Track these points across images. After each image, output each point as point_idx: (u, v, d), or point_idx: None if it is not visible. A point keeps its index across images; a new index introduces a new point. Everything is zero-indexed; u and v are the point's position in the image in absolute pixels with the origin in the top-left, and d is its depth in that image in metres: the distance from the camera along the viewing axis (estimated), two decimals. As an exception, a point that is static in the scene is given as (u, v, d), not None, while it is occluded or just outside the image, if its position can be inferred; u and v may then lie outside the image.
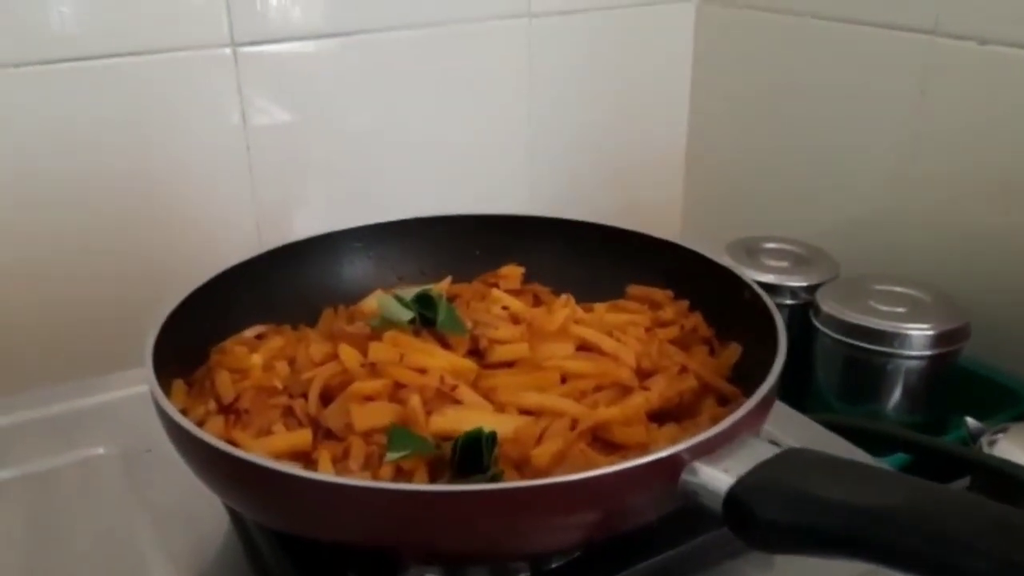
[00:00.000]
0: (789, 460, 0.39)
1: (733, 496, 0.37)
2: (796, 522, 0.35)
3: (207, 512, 0.52)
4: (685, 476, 0.39)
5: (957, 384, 0.79)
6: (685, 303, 0.59)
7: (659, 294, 0.60)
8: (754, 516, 0.36)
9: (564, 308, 0.56)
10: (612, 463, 0.40)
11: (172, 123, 0.82)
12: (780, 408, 0.62)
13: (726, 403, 0.51)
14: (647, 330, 0.56)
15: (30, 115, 0.76)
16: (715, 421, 0.42)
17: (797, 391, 0.85)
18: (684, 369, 0.52)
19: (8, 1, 0.72)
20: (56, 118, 0.77)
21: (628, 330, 0.55)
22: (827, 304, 0.79)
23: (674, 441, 0.41)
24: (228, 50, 0.83)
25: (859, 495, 0.34)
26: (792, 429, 0.59)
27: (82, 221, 0.80)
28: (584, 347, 0.53)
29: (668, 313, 0.58)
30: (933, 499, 0.34)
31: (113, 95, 0.79)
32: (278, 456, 0.45)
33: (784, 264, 0.87)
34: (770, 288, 0.84)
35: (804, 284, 0.84)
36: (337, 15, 0.86)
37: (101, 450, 0.59)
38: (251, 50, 0.84)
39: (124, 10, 0.77)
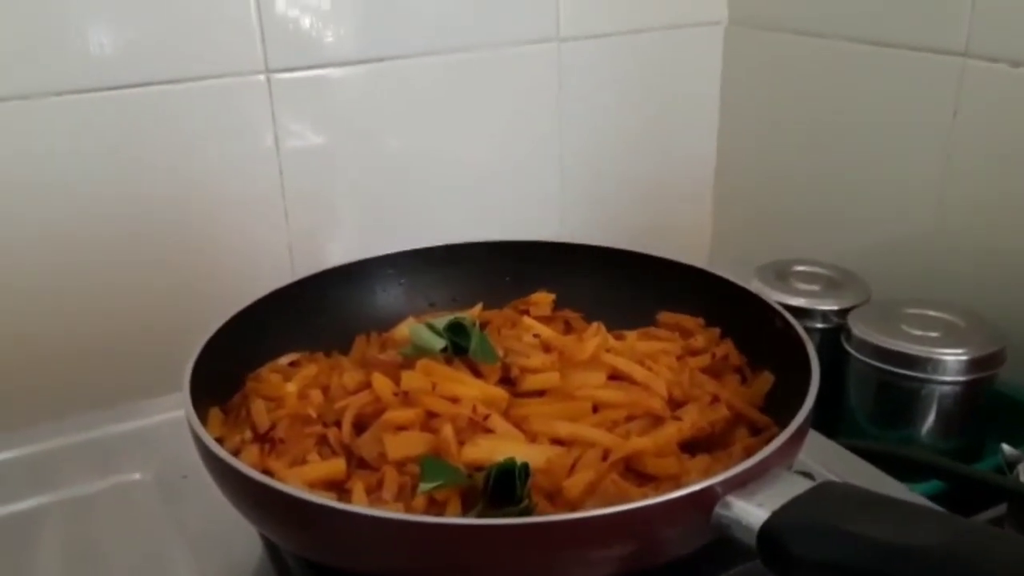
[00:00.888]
0: (823, 495, 0.39)
1: (767, 531, 0.37)
2: (830, 559, 0.35)
3: (241, 538, 0.53)
4: (719, 510, 0.39)
5: (993, 409, 0.78)
6: (716, 331, 0.59)
7: (690, 321, 0.60)
8: (788, 552, 0.36)
9: (595, 336, 0.56)
10: (644, 494, 0.40)
11: (207, 149, 0.84)
12: (812, 435, 0.62)
13: (758, 432, 0.51)
14: (678, 358, 0.56)
15: (70, 142, 0.77)
16: (748, 452, 0.42)
17: (828, 416, 0.84)
18: (716, 399, 0.51)
19: (49, 32, 0.74)
20: (94, 145, 0.78)
21: (659, 359, 0.55)
22: (859, 328, 0.78)
23: (707, 473, 0.41)
24: (262, 76, 0.84)
25: (894, 532, 0.34)
26: (822, 456, 0.59)
27: (118, 247, 0.82)
28: (615, 376, 0.53)
29: (699, 341, 0.58)
30: (969, 537, 0.34)
31: (149, 122, 0.80)
32: (312, 485, 0.46)
33: (815, 288, 0.86)
34: (801, 312, 0.83)
35: (835, 308, 0.83)
36: (368, 42, 0.87)
37: (137, 476, 0.59)
38: (285, 76, 0.85)
39: (161, 39, 0.78)
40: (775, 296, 0.84)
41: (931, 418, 0.77)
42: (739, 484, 0.39)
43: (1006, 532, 0.34)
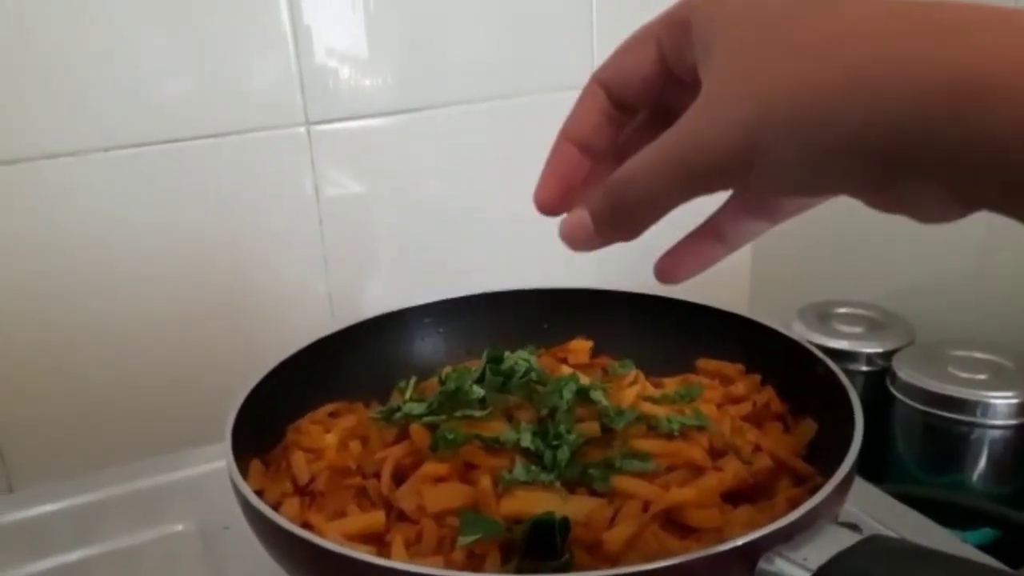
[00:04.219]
0: (870, 549, 0.38)
1: (812, 587, 0.36)
2: (879, 617, 0.34)
3: (282, 590, 0.53)
4: (762, 564, 0.38)
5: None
6: (757, 377, 0.59)
7: (730, 368, 0.59)
8: (835, 609, 0.36)
9: (634, 385, 0.56)
10: (687, 548, 0.40)
11: (250, 199, 0.85)
12: (861, 483, 0.61)
13: (802, 482, 0.50)
14: (719, 406, 0.55)
15: (117, 196, 0.79)
16: (792, 502, 0.42)
17: (874, 461, 0.83)
18: (758, 448, 0.51)
19: (100, 90, 0.76)
20: (140, 198, 0.80)
21: (700, 407, 0.54)
22: (904, 371, 0.77)
23: (750, 525, 0.40)
24: (303, 129, 0.86)
25: (945, 590, 0.33)
26: (867, 504, 0.58)
27: (162, 297, 0.83)
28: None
29: (740, 388, 0.57)
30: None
31: (192, 176, 0.82)
32: (352, 538, 0.46)
33: (858, 330, 0.85)
34: (844, 355, 0.82)
35: (880, 350, 0.82)
36: (406, 92, 0.89)
37: (180, 527, 0.60)
38: (324, 128, 0.87)
39: (205, 95, 0.80)
40: (817, 339, 0.83)
41: (982, 463, 0.75)
42: (783, 538, 0.39)
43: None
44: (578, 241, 0.38)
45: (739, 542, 0.38)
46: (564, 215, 0.40)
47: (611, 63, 0.38)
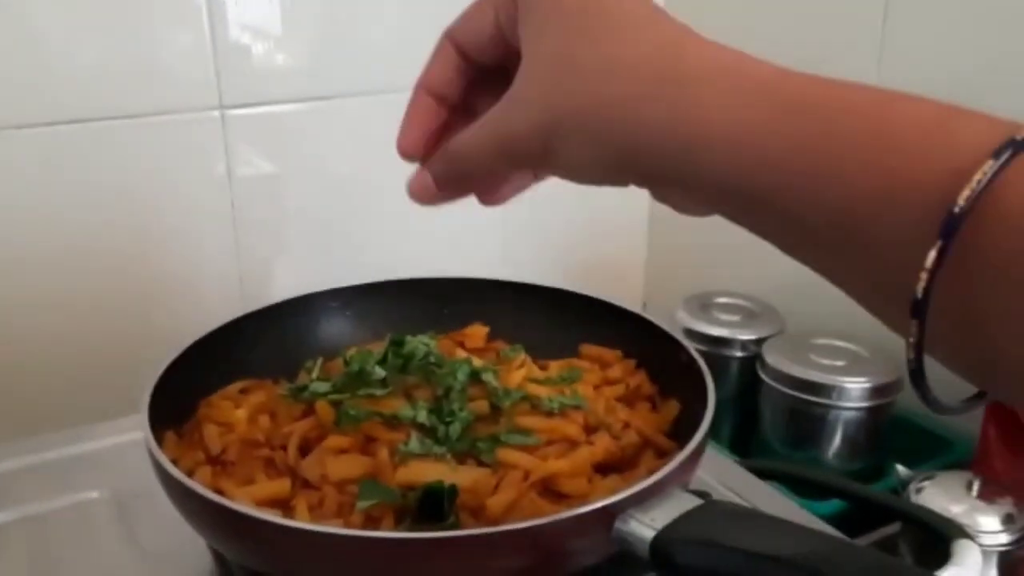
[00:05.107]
0: (708, 511, 0.44)
1: (657, 544, 0.43)
2: (707, 566, 0.41)
3: (192, 553, 0.56)
4: (618, 525, 0.45)
5: (894, 433, 0.85)
6: (632, 362, 0.65)
7: (609, 354, 0.66)
8: (674, 561, 0.42)
9: (521, 368, 0.61)
10: (556, 512, 0.46)
11: (161, 182, 0.87)
12: (720, 458, 0.68)
13: (664, 455, 0.57)
14: (596, 387, 0.62)
15: (25, 174, 0.81)
16: (651, 473, 0.48)
17: (746, 437, 0.91)
18: (627, 425, 0.57)
19: (7, 66, 0.77)
20: (49, 176, 0.82)
21: (578, 388, 0.60)
22: (772, 357, 0.85)
23: (612, 492, 0.46)
24: (217, 113, 0.88)
25: (760, 543, 0.40)
26: (727, 477, 0.64)
27: (74, 275, 0.85)
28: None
29: (616, 372, 0.64)
30: (825, 550, 0.40)
31: (106, 155, 0.84)
32: (260, 503, 0.50)
33: (735, 318, 0.93)
34: (721, 341, 0.90)
35: (752, 338, 0.90)
36: (320, 78, 0.92)
37: (95, 494, 0.63)
38: (239, 112, 0.89)
39: (119, 76, 0.82)
40: (698, 326, 0.90)
41: (836, 441, 0.83)
42: (636, 502, 0.45)
43: (853, 544, 0.40)
44: (423, 198, 0.45)
45: (598, 505, 0.44)
46: (411, 175, 0.45)
47: (459, 21, 0.43)
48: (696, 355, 0.58)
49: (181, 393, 0.59)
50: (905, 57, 0.85)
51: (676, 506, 0.45)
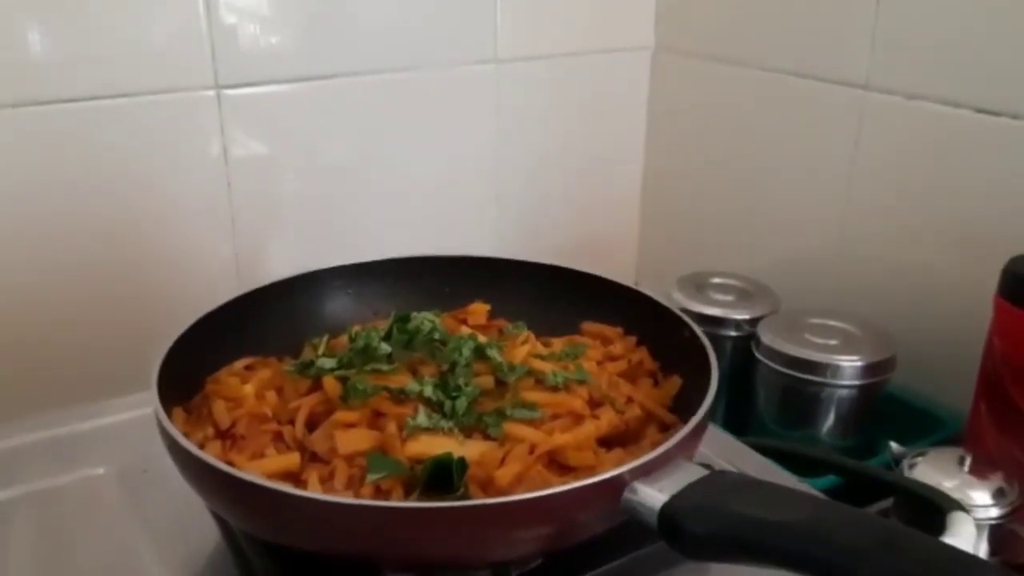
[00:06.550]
0: (714, 481, 0.45)
1: (665, 512, 0.44)
2: (715, 534, 0.42)
3: (198, 525, 0.57)
4: (626, 495, 0.46)
5: (886, 411, 0.86)
6: (633, 339, 0.66)
7: (610, 331, 0.66)
8: (683, 529, 0.43)
9: (525, 344, 0.62)
10: (564, 483, 0.46)
11: (158, 161, 0.88)
12: (719, 434, 0.69)
13: (667, 429, 0.58)
14: (599, 363, 0.62)
15: (18, 154, 0.81)
16: (655, 446, 0.49)
17: (741, 416, 0.92)
18: (630, 400, 0.58)
19: (2, 45, 0.77)
20: (51, 157, 0.82)
21: (582, 364, 0.61)
22: (767, 336, 0.86)
23: (618, 464, 0.47)
24: (212, 92, 0.88)
25: (768, 511, 0.41)
26: (727, 452, 0.66)
27: (74, 255, 0.85)
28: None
29: (618, 348, 0.65)
30: (828, 515, 0.41)
31: (102, 135, 0.84)
32: (270, 476, 0.51)
33: (729, 298, 0.94)
34: (716, 320, 0.91)
35: (747, 317, 0.91)
36: (314, 60, 0.92)
37: (101, 470, 0.63)
38: (234, 92, 0.89)
39: (114, 55, 0.82)
40: (693, 306, 0.91)
41: (830, 419, 0.85)
42: (644, 473, 0.46)
43: (855, 509, 0.41)
44: None
45: (606, 476, 0.45)
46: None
47: None
48: (699, 331, 0.59)
49: (187, 370, 0.59)
50: (897, 52, 0.86)
51: (683, 476, 0.46)
